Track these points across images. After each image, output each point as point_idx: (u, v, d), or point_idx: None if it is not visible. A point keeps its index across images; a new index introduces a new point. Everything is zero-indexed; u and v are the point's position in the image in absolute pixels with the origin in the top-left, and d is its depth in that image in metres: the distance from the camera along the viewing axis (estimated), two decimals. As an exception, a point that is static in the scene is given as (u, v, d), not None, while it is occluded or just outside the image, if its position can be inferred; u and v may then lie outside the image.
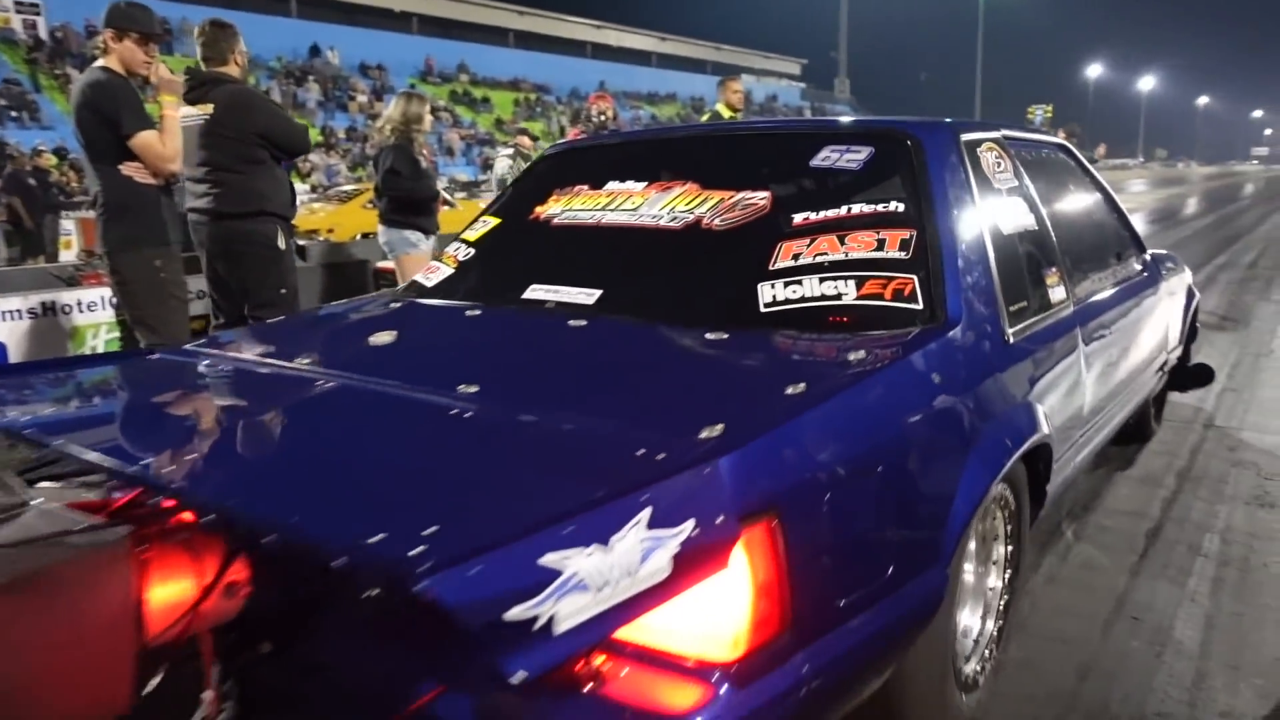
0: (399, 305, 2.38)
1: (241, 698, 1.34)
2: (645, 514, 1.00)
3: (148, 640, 1.17)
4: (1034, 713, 1.95)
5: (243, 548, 1.25)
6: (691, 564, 1.02)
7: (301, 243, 7.94)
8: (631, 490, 1.02)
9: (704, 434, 1.21)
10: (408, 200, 5.10)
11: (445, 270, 2.44)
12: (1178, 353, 3.67)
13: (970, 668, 1.87)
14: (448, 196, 9.60)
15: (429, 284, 2.42)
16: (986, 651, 1.94)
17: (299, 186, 21.43)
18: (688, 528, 1.02)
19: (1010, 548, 2.01)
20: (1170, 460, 3.48)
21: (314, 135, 27.55)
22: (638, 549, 0.98)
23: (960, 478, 1.61)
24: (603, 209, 2.32)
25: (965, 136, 2.21)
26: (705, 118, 6.75)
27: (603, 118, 6.51)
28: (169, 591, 1.19)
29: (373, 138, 5.36)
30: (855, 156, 2.13)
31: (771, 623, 1.19)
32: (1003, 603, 2.00)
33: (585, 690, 1.14)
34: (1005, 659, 2.02)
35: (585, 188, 2.44)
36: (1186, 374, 3.85)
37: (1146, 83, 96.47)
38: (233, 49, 3.87)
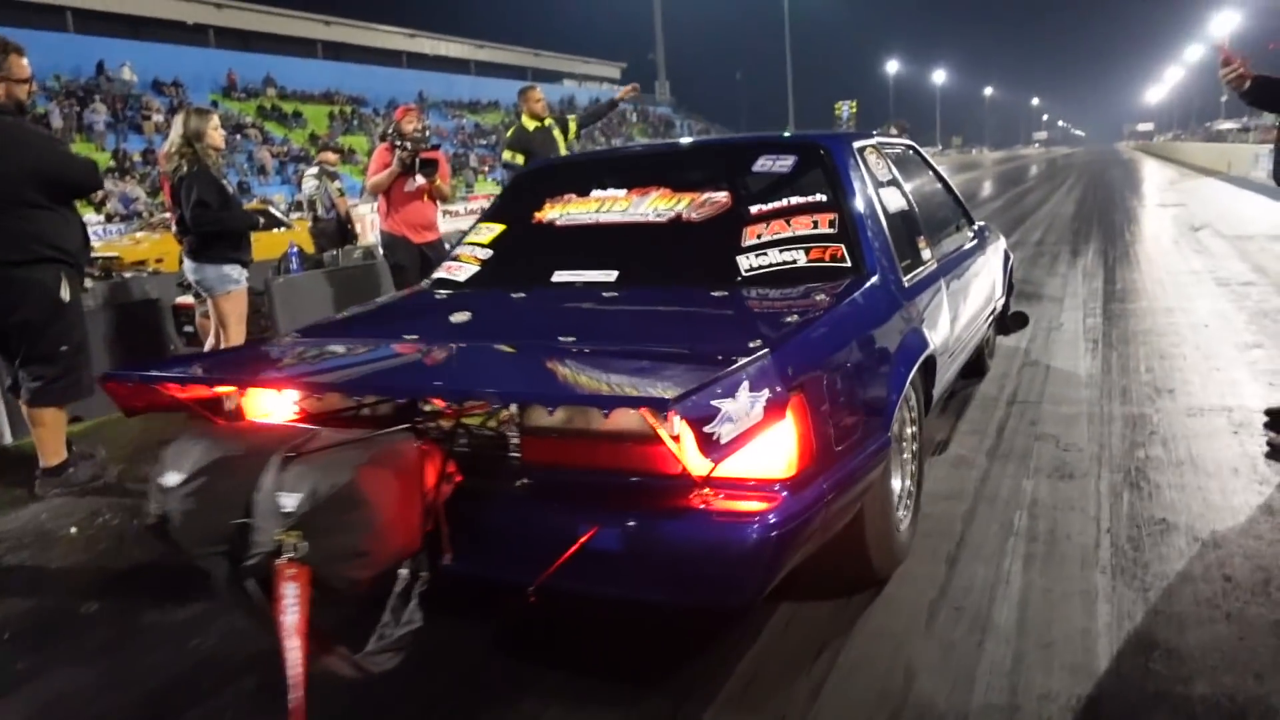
0: (447, 295, 2.99)
1: (473, 543, 1.97)
2: (745, 384, 1.72)
3: (426, 499, 1.83)
4: (867, 715, 1.94)
5: (466, 439, 2.11)
6: (769, 411, 1.74)
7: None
8: (736, 370, 1.75)
9: (752, 345, 1.93)
10: (222, 233, 4.65)
11: (470, 267, 3.08)
12: (1002, 301, 4.60)
13: (900, 513, 2.55)
14: (280, 215, 8.85)
15: (460, 278, 3.06)
16: (908, 501, 2.66)
17: (92, 218, 19.63)
18: (764, 393, 1.75)
19: (915, 430, 2.74)
20: (981, 440, 3.65)
21: (104, 160, 25.40)
22: (747, 400, 1.69)
23: (891, 373, 2.42)
24: (597, 211, 3.01)
25: (855, 144, 3.07)
26: (510, 133, 6.70)
27: (423, 133, 6.22)
28: (432, 469, 1.85)
29: (161, 166, 4.79)
30: (785, 162, 2.93)
31: (806, 456, 1.92)
32: (913, 469, 2.71)
33: (699, 507, 1.85)
34: (917, 520, 2.76)
35: (574, 196, 3.11)
36: (1010, 319, 4.80)
37: (939, 76, 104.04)
38: None
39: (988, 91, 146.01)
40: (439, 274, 3.17)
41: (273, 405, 2.34)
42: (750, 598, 1.92)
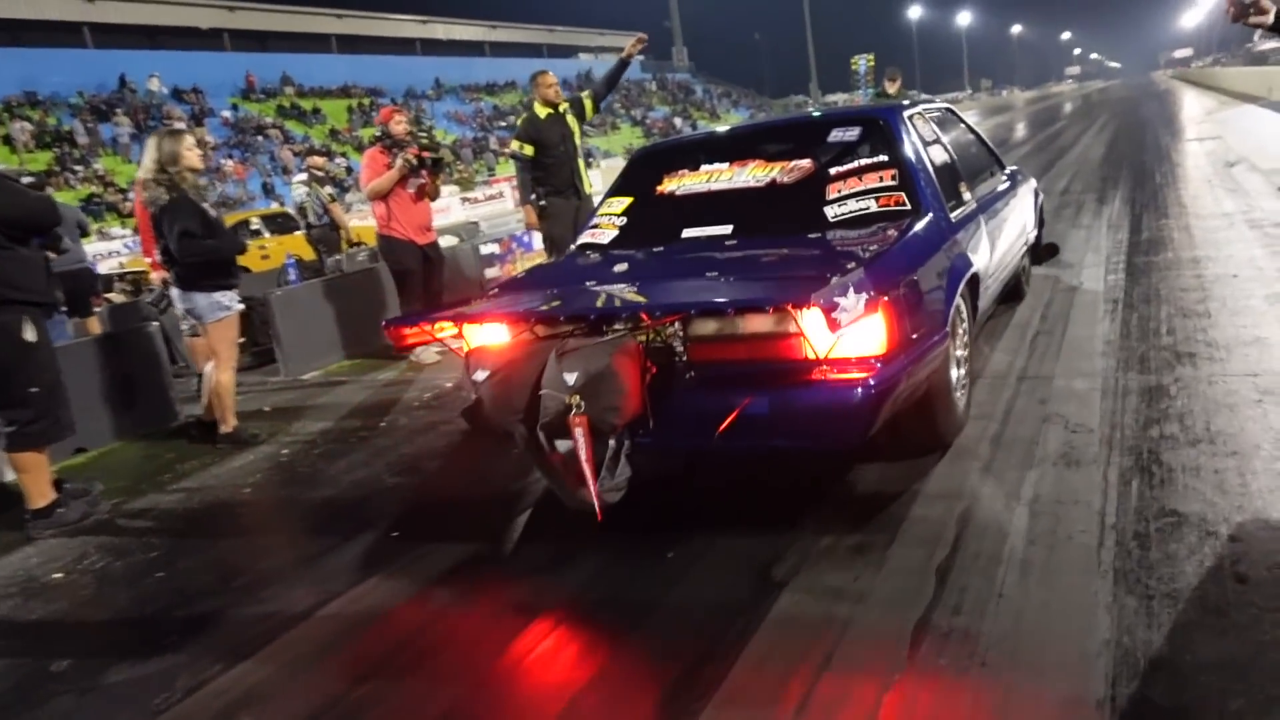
0: (600, 254, 3.75)
1: (661, 419, 2.74)
2: (852, 288, 2.41)
3: (642, 378, 2.67)
4: None
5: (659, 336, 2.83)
6: (867, 308, 2.46)
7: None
8: (846, 279, 2.47)
9: (849, 266, 2.68)
10: (210, 260, 4.56)
11: (610, 232, 3.86)
12: (1034, 234, 5.41)
13: (958, 393, 3.35)
14: (341, 216, 8.18)
15: (604, 241, 3.83)
16: (962, 385, 3.45)
17: (119, 231, 19.75)
18: (864, 295, 2.45)
19: (965, 333, 3.50)
20: (986, 426, 3.45)
21: (132, 171, 25.73)
22: (854, 299, 2.39)
23: (946, 286, 3.20)
24: (708, 182, 3.82)
25: (905, 114, 3.87)
26: (521, 121, 6.36)
27: (428, 132, 6.15)
28: (641, 359, 2.69)
29: (137, 196, 4.69)
30: (852, 133, 3.74)
31: (892, 341, 2.66)
32: (965, 362, 3.50)
33: (821, 378, 2.62)
34: (970, 404, 3.62)
35: (686, 170, 3.92)
36: (1042, 250, 5.64)
37: (964, 18, 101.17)
38: None
39: (1016, 30, 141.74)
40: (584, 239, 3.97)
41: (496, 334, 3.09)
42: (859, 439, 2.69)
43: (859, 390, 2.56)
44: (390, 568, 3.02)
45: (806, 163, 3.64)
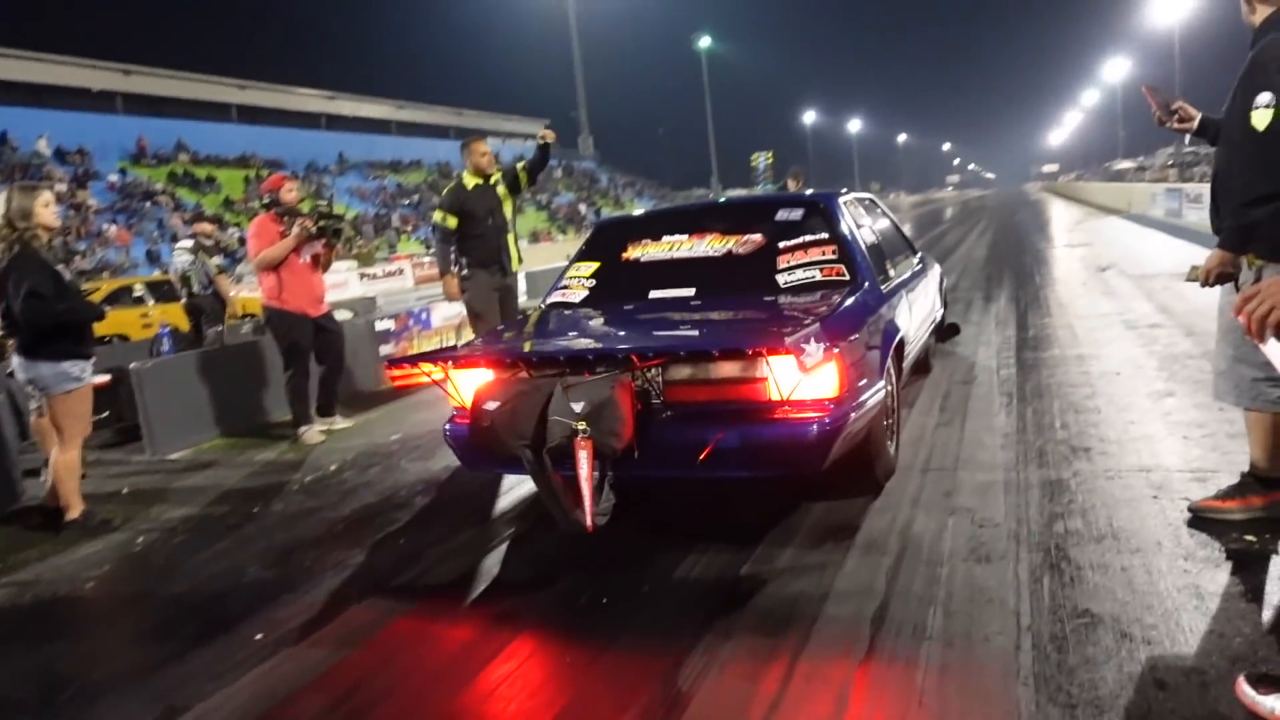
0: (571, 311, 4.16)
1: (644, 451, 3.03)
2: (813, 338, 2.91)
3: (652, 408, 3.12)
4: None
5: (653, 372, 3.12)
6: (825, 357, 2.93)
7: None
8: (808, 330, 2.97)
9: (806, 322, 3.09)
10: (59, 326, 4.13)
11: (581, 292, 4.25)
12: (940, 312, 6.07)
13: (890, 442, 3.79)
14: (227, 287, 7.63)
15: (575, 300, 4.23)
16: (891, 433, 3.83)
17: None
18: (823, 345, 2.95)
19: (892, 388, 3.81)
20: (893, 518, 3.37)
21: None
22: (817, 350, 2.89)
23: (882, 344, 3.67)
24: (669, 251, 4.24)
25: (840, 199, 4.37)
26: (447, 191, 5.90)
27: (319, 203, 5.92)
28: (630, 397, 3.01)
29: None
30: (796, 213, 4.21)
31: (843, 386, 3.06)
32: (895, 414, 3.92)
33: (783, 416, 3.00)
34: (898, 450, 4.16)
35: (649, 240, 4.34)
36: (945, 328, 6.31)
37: (855, 125, 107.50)
38: None
39: (902, 138, 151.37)
40: (554, 299, 4.32)
41: (489, 374, 3.34)
42: (816, 468, 3.08)
43: (815, 426, 2.98)
44: (246, 676, 2.66)
45: (758, 237, 4.12)
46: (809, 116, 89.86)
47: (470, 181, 5.82)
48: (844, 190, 4.72)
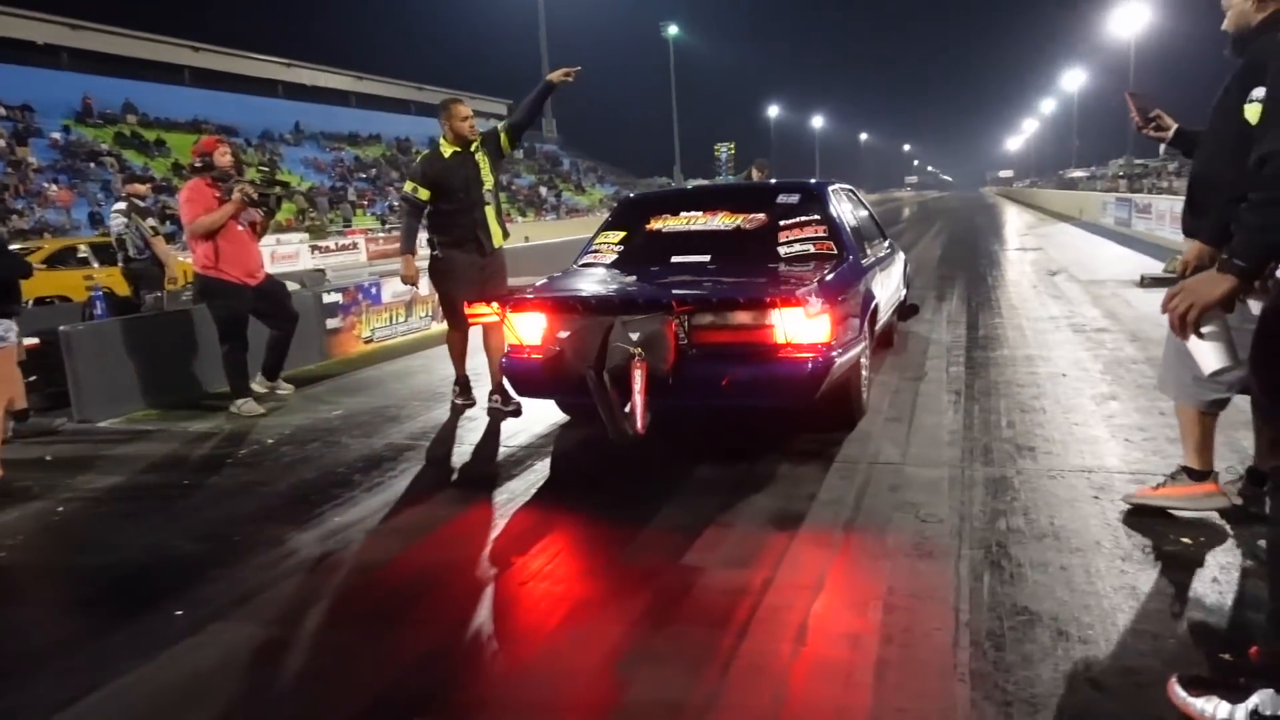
0: (604, 268, 4.89)
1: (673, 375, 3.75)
2: (813, 295, 3.81)
3: (680, 348, 3.80)
4: None
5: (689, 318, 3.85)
6: (821, 310, 3.82)
7: None
8: (807, 288, 3.85)
9: (806, 283, 3.95)
10: None
11: (610, 255, 4.99)
12: (904, 292, 6.85)
13: (864, 388, 4.67)
14: (165, 251, 7.27)
15: (606, 262, 4.94)
16: (867, 384, 4.70)
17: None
18: (820, 301, 3.83)
19: (867, 345, 4.60)
20: (838, 511, 3.35)
21: (-72, 186, 23.19)
22: (816, 304, 3.80)
23: (862, 306, 4.51)
24: (687, 224, 4.99)
25: (830, 187, 5.22)
26: (420, 159, 5.32)
27: (260, 168, 5.68)
28: (674, 333, 3.78)
29: None
30: (794, 196, 5.00)
31: (833, 334, 3.89)
32: (867, 367, 4.67)
33: (786, 356, 3.80)
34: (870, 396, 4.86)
35: (669, 215, 5.12)
36: (906, 308, 6.95)
37: (818, 121, 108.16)
38: None
39: (863, 137, 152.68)
40: (585, 260, 5.04)
41: (548, 315, 4.11)
42: (810, 397, 3.84)
43: (811, 363, 3.77)
44: (165, 653, 2.54)
45: (762, 215, 4.87)
46: (773, 110, 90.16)
47: (447, 150, 5.18)
48: (833, 181, 5.57)
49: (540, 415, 5.05)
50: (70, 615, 2.99)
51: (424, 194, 5.15)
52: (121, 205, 7.23)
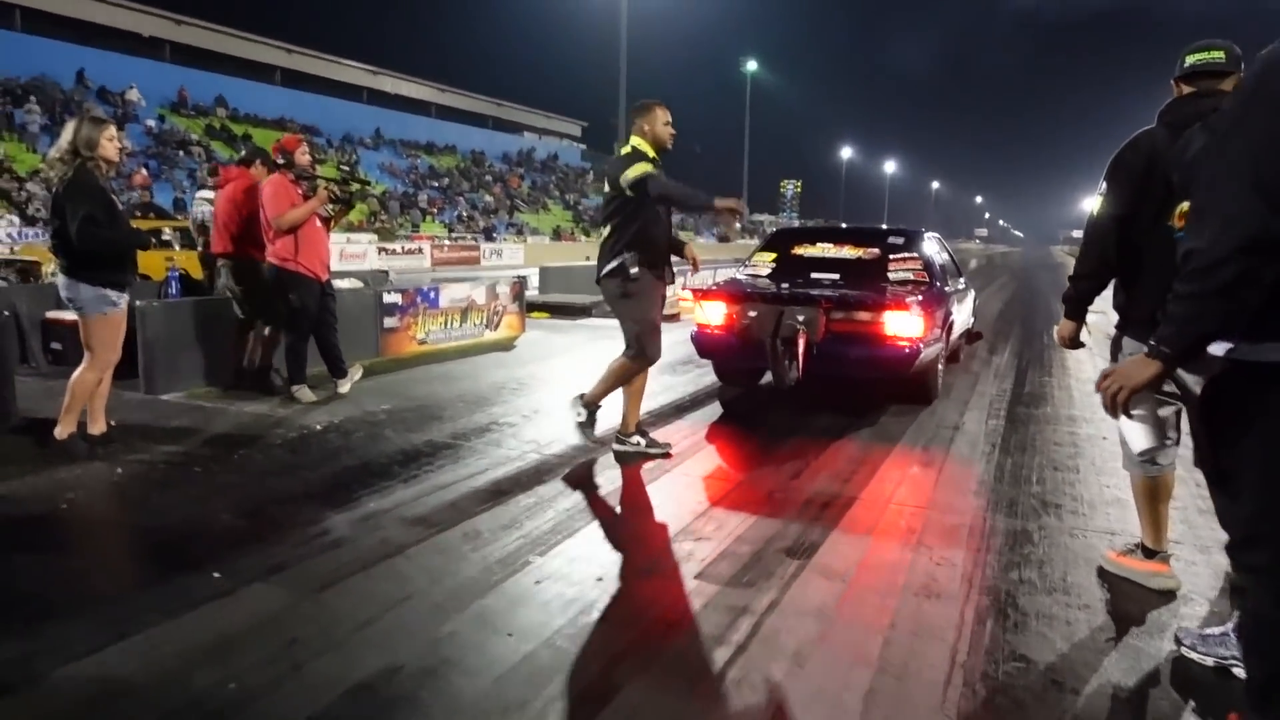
0: (764, 279, 6.62)
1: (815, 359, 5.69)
2: (915, 304, 5.70)
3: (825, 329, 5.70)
4: None
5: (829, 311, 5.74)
6: (917, 316, 5.67)
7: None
8: (911, 299, 5.77)
9: (909, 297, 5.78)
10: (107, 251, 4.28)
11: (766, 269, 6.80)
12: (971, 320, 8.68)
13: (939, 377, 6.61)
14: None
15: (764, 274, 6.75)
16: (940, 373, 6.62)
17: (17, 220, 18.55)
18: (919, 309, 5.71)
19: (943, 349, 6.61)
20: (855, 550, 3.40)
21: (34, 161, 24.43)
22: (916, 310, 5.68)
23: (942, 318, 6.38)
24: (822, 252, 6.84)
25: (926, 234, 7.30)
26: (625, 151, 4.68)
27: (341, 167, 5.94)
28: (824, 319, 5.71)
29: (44, 173, 4.36)
30: (900, 238, 6.87)
31: (925, 331, 5.75)
32: (942, 365, 6.66)
33: (893, 344, 5.62)
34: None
35: (808, 244, 7.01)
36: (971, 335, 8.68)
37: (889, 166, 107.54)
38: None
39: (934, 185, 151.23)
40: (748, 270, 6.87)
41: (726, 302, 6.04)
42: (906, 371, 5.64)
43: (908, 349, 5.53)
44: (196, 611, 2.71)
45: (876, 250, 6.66)
46: (845, 151, 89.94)
47: (650, 152, 4.63)
48: (928, 230, 7.60)
49: (567, 431, 5.17)
50: (114, 569, 3.19)
51: (656, 171, 4.57)
52: (208, 194, 7.59)
